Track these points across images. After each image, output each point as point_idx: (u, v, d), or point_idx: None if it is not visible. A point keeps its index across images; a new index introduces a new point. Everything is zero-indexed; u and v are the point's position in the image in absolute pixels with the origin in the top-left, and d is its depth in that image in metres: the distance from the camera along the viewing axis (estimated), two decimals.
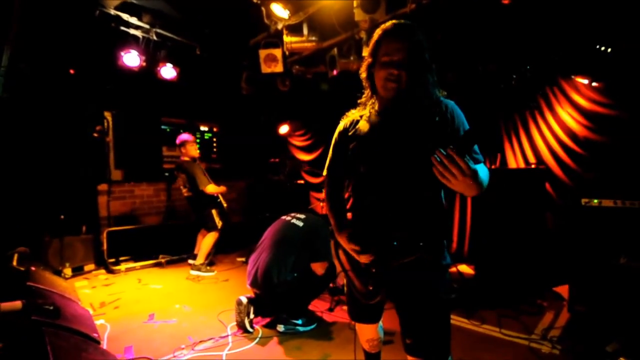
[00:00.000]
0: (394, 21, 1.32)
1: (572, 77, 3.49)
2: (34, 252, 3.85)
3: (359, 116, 1.46)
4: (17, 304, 2.16)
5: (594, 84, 3.35)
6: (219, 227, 4.34)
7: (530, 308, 3.08)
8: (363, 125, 1.42)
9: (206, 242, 4.31)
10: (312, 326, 2.86)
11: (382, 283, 1.33)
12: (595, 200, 2.81)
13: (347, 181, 1.51)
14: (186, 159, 4.32)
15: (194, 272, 4.26)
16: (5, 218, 3.98)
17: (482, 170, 1.16)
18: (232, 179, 6.48)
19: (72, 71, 4.45)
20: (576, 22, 2.99)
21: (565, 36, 3.13)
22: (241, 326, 2.78)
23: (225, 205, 4.55)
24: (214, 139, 6.33)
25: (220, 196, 4.47)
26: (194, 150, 4.36)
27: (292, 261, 2.79)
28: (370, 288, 1.35)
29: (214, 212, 4.33)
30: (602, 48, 3.01)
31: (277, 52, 4.04)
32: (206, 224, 4.37)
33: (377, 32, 1.33)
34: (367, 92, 1.45)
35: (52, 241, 4.14)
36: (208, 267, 4.39)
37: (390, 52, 1.26)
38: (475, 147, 1.25)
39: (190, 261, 4.44)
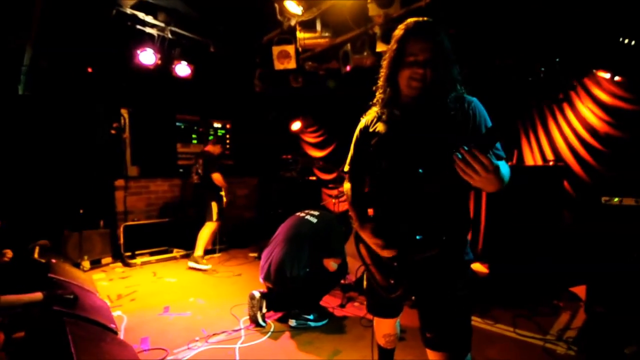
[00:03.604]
0: (416, 19, 1.31)
1: (594, 71, 3.38)
2: (54, 245, 3.99)
3: (381, 112, 1.47)
4: (39, 295, 2.24)
5: (616, 78, 3.23)
6: (215, 218, 4.53)
7: (546, 308, 3.03)
8: (385, 122, 1.43)
9: (203, 233, 4.50)
10: (324, 322, 2.88)
11: (403, 277, 1.34)
12: (616, 199, 2.73)
13: (368, 176, 1.53)
14: (211, 150, 4.70)
15: (192, 264, 4.43)
16: (27, 212, 4.12)
17: (504, 167, 1.16)
18: (245, 175, 6.54)
19: (89, 69, 4.55)
20: (598, 14, 2.89)
21: (587, 29, 3.03)
22: (254, 320, 2.82)
23: (225, 201, 4.72)
24: (227, 136, 6.40)
25: (223, 192, 4.67)
26: (219, 149, 4.87)
27: (305, 257, 2.81)
28: (392, 282, 1.37)
29: (214, 204, 4.52)
30: (625, 41, 2.91)
31: (290, 49, 4.03)
32: (206, 213, 4.57)
33: (399, 31, 1.33)
34: (382, 90, 1.45)
35: (71, 235, 4.27)
36: (205, 260, 4.51)
37: (416, 52, 1.27)
38: (497, 144, 1.24)
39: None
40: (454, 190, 1.27)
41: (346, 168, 1.64)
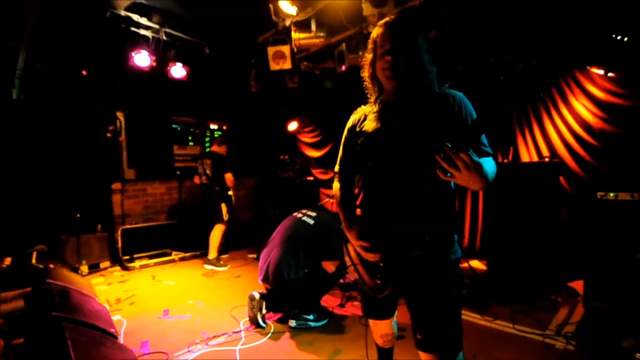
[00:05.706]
0: (387, 19, 1.35)
1: (587, 67, 3.40)
2: (52, 250, 3.96)
3: (368, 111, 1.47)
4: (20, 303, 2.22)
5: (609, 74, 3.26)
6: (226, 219, 4.57)
7: (544, 304, 3.04)
8: (371, 120, 1.43)
9: (214, 235, 4.56)
10: (324, 321, 2.88)
11: (389, 277, 1.33)
12: (612, 194, 2.75)
13: (358, 176, 1.53)
14: (218, 151, 4.67)
15: (208, 267, 4.53)
16: (23, 217, 4.10)
17: (488, 164, 1.16)
18: (242, 176, 6.52)
19: (84, 72, 4.53)
20: (592, 11, 2.91)
21: (581, 25, 3.04)
22: (254, 321, 2.82)
23: (234, 200, 4.76)
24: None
25: (232, 191, 4.70)
26: (225, 148, 4.75)
27: (303, 258, 2.80)
28: (378, 282, 1.36)
29: (223, 205, 4.55)
30: (618, 37, 2.93)
31: (286, 49, 4.03)
32: (216, 214, 4.59)
33: (374, 32, 1.38)
34: (371, 89, 1.47)
35: (68, 239, 4.25)
36: (221, 262, 4.59)
37: (385, 44, 1.32)
38: (484, 140, 1.25)
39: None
40: (438, 190, 1.27)
41: (336, 168, 1.63)
